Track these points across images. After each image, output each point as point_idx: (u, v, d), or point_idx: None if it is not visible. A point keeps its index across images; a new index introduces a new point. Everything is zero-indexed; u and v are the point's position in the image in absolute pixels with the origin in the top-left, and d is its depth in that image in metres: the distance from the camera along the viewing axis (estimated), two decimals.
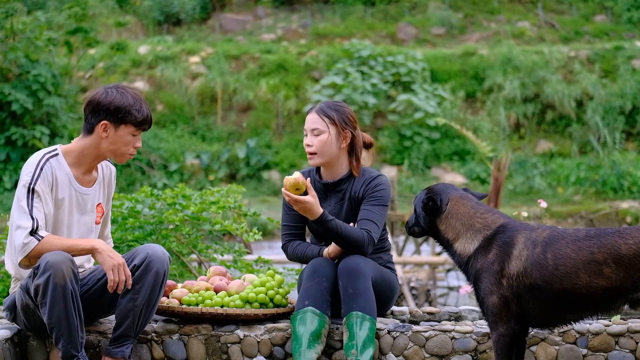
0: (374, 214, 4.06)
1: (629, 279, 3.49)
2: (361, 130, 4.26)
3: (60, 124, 19.51)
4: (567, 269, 3.53)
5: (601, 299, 3.53)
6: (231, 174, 23.99)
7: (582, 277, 3.51)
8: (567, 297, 3.54)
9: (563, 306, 3.57)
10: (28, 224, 3.69)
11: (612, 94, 24.57)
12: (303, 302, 3.95)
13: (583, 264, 3.52)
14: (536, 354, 4.07)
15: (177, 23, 32.04)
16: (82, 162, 3.90)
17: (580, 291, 3.51)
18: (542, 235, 3.62)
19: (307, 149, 4.13)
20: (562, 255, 3.56)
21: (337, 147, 4.12)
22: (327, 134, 4.09)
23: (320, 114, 4.11)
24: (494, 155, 15.01)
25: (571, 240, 3.58)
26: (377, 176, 4.14)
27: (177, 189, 5.42)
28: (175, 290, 4.18)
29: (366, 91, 24.84)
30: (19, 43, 18.83)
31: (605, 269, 3.50)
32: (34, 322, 3.87)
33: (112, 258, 3.71)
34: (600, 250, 3.52)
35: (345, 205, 4.15)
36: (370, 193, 4.09)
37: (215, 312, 4.02)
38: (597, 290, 3.51)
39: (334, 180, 4.17)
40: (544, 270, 3.55)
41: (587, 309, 3.59)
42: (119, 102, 3.82)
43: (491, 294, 3.60)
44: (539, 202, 5.70)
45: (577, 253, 3.54)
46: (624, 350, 4.07)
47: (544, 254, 3.57)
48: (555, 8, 31.15)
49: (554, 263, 3.54)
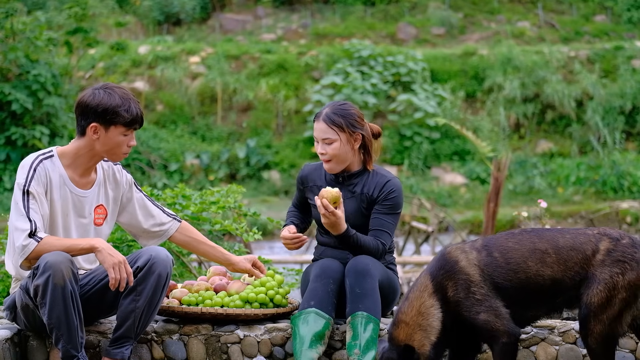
0: (387, 223, 4.08)
1: (567, 273, 3.57)
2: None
3: (60, 124, 19.51)
4: (516, 259, 3.59)
5: (549, 290, 3.58)
6: (231, 174, 23.99)
7: (531, 266, 3.58)
8: (524, 289, 3.58)
9: (523, 302, 3.60)
10: (26, 226, 3.69)
11: (612, 94, 24.57)
12: (309, 302, 3.95)
13: (528, 252, 3.59)
14: (536, 354, 4.07)
15: (177, 23, 32.03)
16: (78, 164, 3.89)
17: (533, 281, 3.57)
18: (477, 243, 3.67)
19: (321, 156, 4.14)
20: (508, 249, 3.61)
21: (351, 151, 4.12)
22: (339, 141, 4.09)
23: (328, 123, 4.09)
24: (494, 155, 15.02)
25: (509, 237, 3.67)
26: (390, 180, 4.13)
27: (177, 189, 5.41)
28: (175, 290, 4.17)
29: (366, 91, 24.84)
30: (19, 43, 18.82)
31: (548, 258, 3.58)
32: (34, 322, 3.87)
33: (112, 256, 3.71)
34: (541, 240, 3.62)
35: (356, 201, 4.14)
36: (384, 199, 4.09)
37: (215, 312, 4.02)
38: (545, 280, 3.57)
39: (347, 173, 4.17)
40: (499, 269, 3.59)
41: (542, 303, 3.62)
42: (107, 104, 3.79)
43: (478, 314, 3.57)
44: (539, 202, 5.69)
45: (520, 244, 3.62)
46: (624, 350, 4.07)
47: (490, 255, 3.61)
48: (555, 8, 31.15)
49: (504, 258, 3.59)
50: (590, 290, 3.53)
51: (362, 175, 4.17)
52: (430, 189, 22.58)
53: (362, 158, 4.18)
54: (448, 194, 22.45)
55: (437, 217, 16.68)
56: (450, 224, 18.08)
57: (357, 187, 4.15)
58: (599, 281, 3.52)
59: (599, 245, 3.58)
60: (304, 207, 4.35)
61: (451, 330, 3.63)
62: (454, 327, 3.63)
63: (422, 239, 15.89)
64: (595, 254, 3.56)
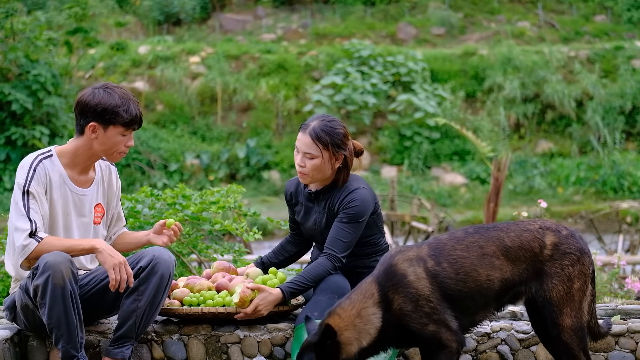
0: (343, 231, 4.02)
1: (516, 271, 3.54)
2: (353, 139, 4.23)
3: (60, 124, 19.50)
4: (465, 268, 3.52)
5: (498, 292, 3.55)
6: (231, 174, 23.98)
7: (481, 272, 3.52)
8: (475, 297, 3.52)
9: (473, 308, 3.55)
10: (26, 226, 3.69)
11: (612, 94, 24.57)
12: (312, 312, 3.95)
13: (477, 259, 3.52)
14: (536, 354, 4.07)
15: (177, 23, 32.02)
16: (77, 163, 3.89)
17: (483, 287, 3.52)
18: (422, 251, 3.57)
19: (298, 168, 4.08)
20: (456, 258, 3.53)
21: (330, 169, 4.08)
22: (320, 158, 4.04)
23: (313, 138, 4.03)
24: (494, 155, 15.01)
25: (455, 243, 3.57)
26: (353, 190, 4.07)
27: (177, 189, 5.41)
28: (177, 290, 4.15)
29: (366, 91, 24.84)
30: (19, 43, 18.81)
31: (496, 261, 3.53)
32: (34, 322, 3.87)
33: (113, 257, 3.71)
34: (487, 243, 3.55)
35: (325, 216, 4.14)
36: (343, 209, 4.04)
37: (216, 311, 4.01)
38: (494, 283, 3.53)
39: (317, 189, 4.16)
40: (448, 280, 3.51)
41: (489, 306, 3.59)
42: (106, 103, 3.79)
43: (426, 326, 3.49)
44: (539, 202, 5.69)
45: (468, 251, 3.54)
46: (624, 350, 4.07)
47: (439, 264, 3.52)
48: (555, 8, 31.14)
49: (453, 269, 3.51)
50: (545, 286, 3.53)
51: (331, 190, 4.13)
52: (430, 189, 22.58)
53: (338, 175, 4.12)
54: (448, 194, 22.44)
55: (437, 217, 16.68)
56: (450, 224, 18.08)
57: (327, 202, 4.13)
58: (551, 275, 3.52)
59: (545, 240, 3.57)
60: (298, 222, 4.33)
61: (386, 339, 3.54)
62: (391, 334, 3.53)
63: (422, 239, 15.90)
64: (542, 250, 3.55)
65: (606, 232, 16.67)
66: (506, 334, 4.13)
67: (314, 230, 4.19)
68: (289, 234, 4.42)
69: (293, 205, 4.29)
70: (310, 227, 4.20)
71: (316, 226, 4.16)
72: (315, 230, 4.18)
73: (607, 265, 7.56)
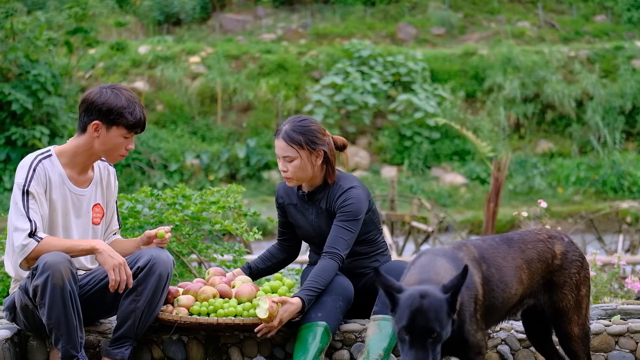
0: (343, 230, 4.03)
1: (532, 285, 3.46)
2: (338, 135, 4.24)
3: (60, 124, 19.50)
4: (505, 279, 3.36)
5: (513, 306, 3.45)
6: (231, 174, 23.99)
7: (513, 286, 3.39)
8: (500, 310, 3.37)
9: (490, 322, 3.40)
10: (26, 226, 3.69)
11: (612, 94, 24.57)
12: (317, 313, 3.95)
13: (512, 271, 3.39)
14: (536, 354, 4.07)
15: (177, 23, 32.03)
16: (76, 162, 3.89)
17: (508, 301, 3.38)
18: (472, 252, 3.33)
19: (283, 174, 4.10)
20: (500, 266, 3.37)
21: (312, 167, 4.08)
22: (299, 159, 4.04)
23: (287, 141, 4.03)
24: (494, 155, 15.01)
25: (493, 250, 3.39)
26: (347, 190, 4.08)
27: (177, 189, 5.41)
28: (181, 297, 4.02)
29: (366, 91, 24.84)
30: (19, 43, 18.81)
31: (522, 274, 3.42)
32: (34, 323, 3.87)
33: (112, 258, 3.70)
34: (516, 256, 3.42)
35: (324, 216, 4.15)
36: (340, 209, 4.06)
37: (232, 322, 3.90)
38: (516, 298, 3.42)
39: (310, 190, 4.16)
40: (495, 287, 3.32)
41: (504, 318, 3.49)
42: (112, 104, 3.79)
43: (476, 332, 3.23)
44: (539, 202, 5.69)
45: (505, 260, 3.40)
46: (624, 350, 4.07)
47: (489, 269, 3.33)
48: (555, 8, 31.15)
49: (499, 275, 3.35)
50: (554, 297, 3.48)
51: (325, 190, 4.14)
52: (430, 189, 22.58)
53: (325, 172, 4.12)
54: (448, 194, 22.44)
55: (437, 217, 16.68)
56: (450, 224, 18.09)
57: (322, 202, 4.13)
58: (561, 285, 3.48)
59: (555, 250, 3.51)
60: (290, 227, 4.32)
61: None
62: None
63: (422, 239, 15.90)
64: (554, 260, 3.49)
65: (606, 232, 16.67)
66: (506, 334, 4.13)
67: (312, 231, 4.19)
68: (277, 241, 4.41)
69: (285, 208, 4.28)
70: (308, 228, 4.19)
71: (314, 227, 4.16)
72: (313, 231, 4.18)
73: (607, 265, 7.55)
